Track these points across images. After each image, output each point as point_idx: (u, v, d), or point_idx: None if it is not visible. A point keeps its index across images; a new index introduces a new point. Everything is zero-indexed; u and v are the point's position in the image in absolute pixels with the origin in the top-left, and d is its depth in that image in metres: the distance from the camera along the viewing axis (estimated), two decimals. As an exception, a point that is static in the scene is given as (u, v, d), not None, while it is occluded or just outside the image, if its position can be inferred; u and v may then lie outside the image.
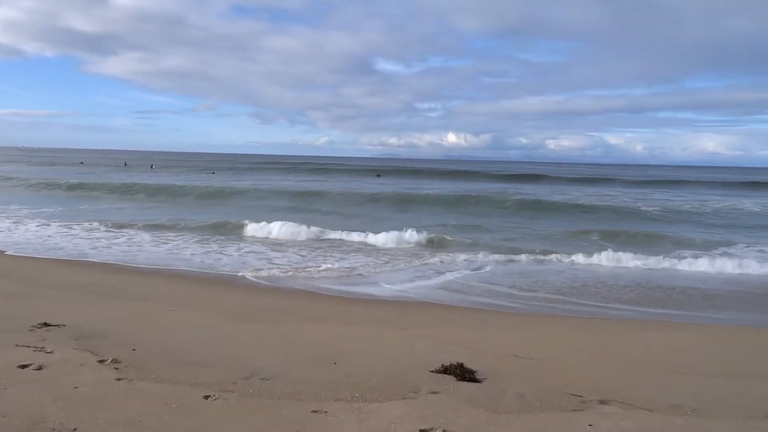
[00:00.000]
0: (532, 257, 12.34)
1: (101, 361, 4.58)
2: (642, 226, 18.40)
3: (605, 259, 12.14)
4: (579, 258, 12.28)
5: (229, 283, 9.35)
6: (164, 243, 13.27)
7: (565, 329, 6.93)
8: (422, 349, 5.55)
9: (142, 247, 12.55)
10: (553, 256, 12.43)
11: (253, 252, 12.43)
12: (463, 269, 11.04)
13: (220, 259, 11.51)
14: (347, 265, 11.08)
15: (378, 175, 55.86)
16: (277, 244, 13.57)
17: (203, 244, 13.36)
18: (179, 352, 5.05)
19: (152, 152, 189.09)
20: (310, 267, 10.82)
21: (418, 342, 5.89)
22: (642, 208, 23.17)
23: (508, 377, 4.74)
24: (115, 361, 4.61)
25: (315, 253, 12.40)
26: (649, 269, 11.70)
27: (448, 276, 10.41)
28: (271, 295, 8.49)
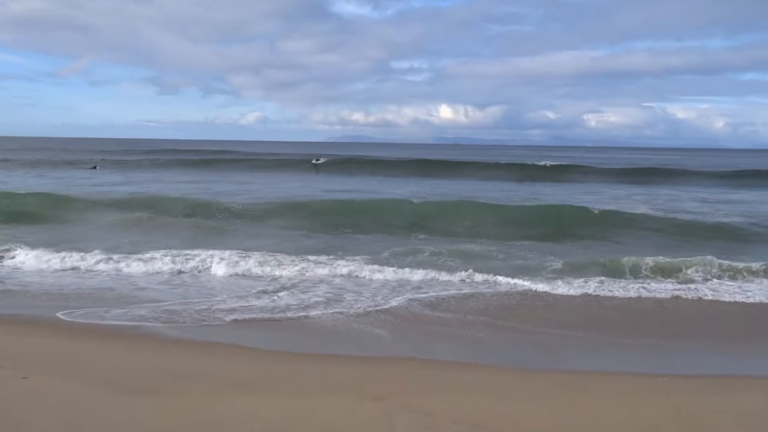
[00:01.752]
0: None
1: None
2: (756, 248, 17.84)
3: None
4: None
5: (116, 334, 9.25)
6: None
7: (621, 395, 6.95)
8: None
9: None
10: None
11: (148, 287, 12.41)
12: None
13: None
14: (285, 303, 11.15)
15: (317, 162, 56.31)
16: (154, 273, 13.53)
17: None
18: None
19: None
20: (225, 306, 10.87)
21: (399, 418, 5.83)
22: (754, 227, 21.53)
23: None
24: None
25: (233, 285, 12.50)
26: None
27: (436, 326, 10.45)
28: (175, 351, 8.40)
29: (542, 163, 53.44)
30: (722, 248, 16.70)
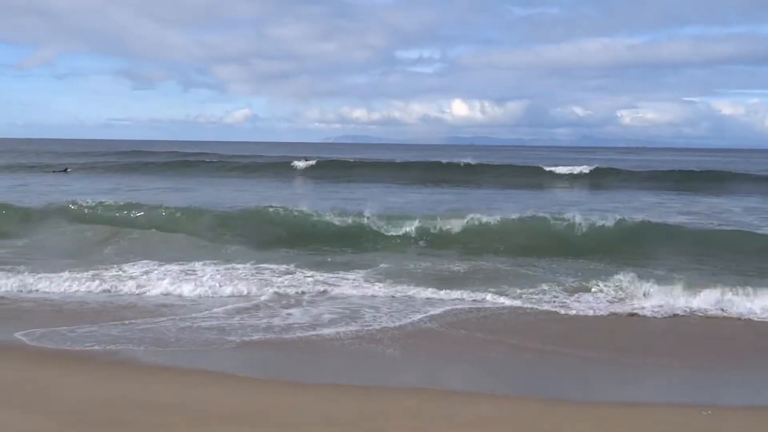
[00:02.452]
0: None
1: None
2: None
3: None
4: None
5: (84, 359, 9.30)
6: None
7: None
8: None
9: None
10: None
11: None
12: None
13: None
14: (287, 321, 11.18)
15: (305, 162, 55.82)
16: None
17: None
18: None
19: None
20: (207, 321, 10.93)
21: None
22: None
23: None
24: None
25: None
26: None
27: (450, 349, 10.50)
28: (149, 379, 8.44)
29: (468, 163, 53.58)
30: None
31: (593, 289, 13.68)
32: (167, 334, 10.69)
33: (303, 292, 13.44)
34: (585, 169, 51.04)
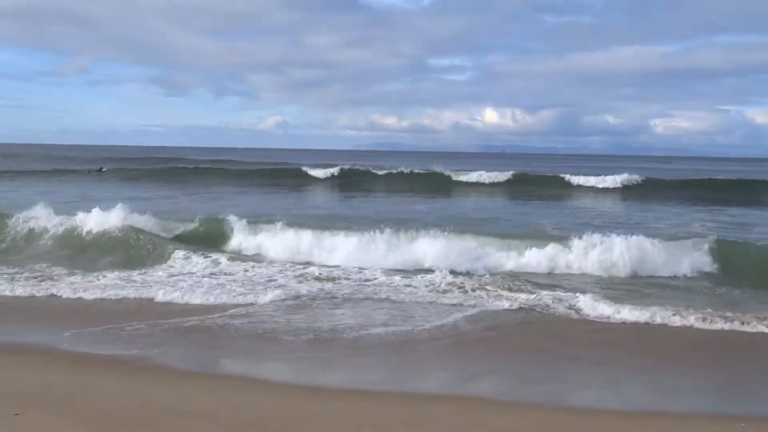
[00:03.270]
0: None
1: None
2: None
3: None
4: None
5: (116, 364, 9.37)
6: None
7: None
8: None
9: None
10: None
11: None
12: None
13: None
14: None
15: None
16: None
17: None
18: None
19: None
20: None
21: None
22: None
23: None
24: None
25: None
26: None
27: (487, 354, 10.42)
28: (179, 384, 8.49)
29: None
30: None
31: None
32: (200, 337, 10.82)
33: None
34: (635, 178, 46.80)
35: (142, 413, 7.24)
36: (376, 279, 15.09)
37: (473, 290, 13.89)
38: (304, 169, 51.64)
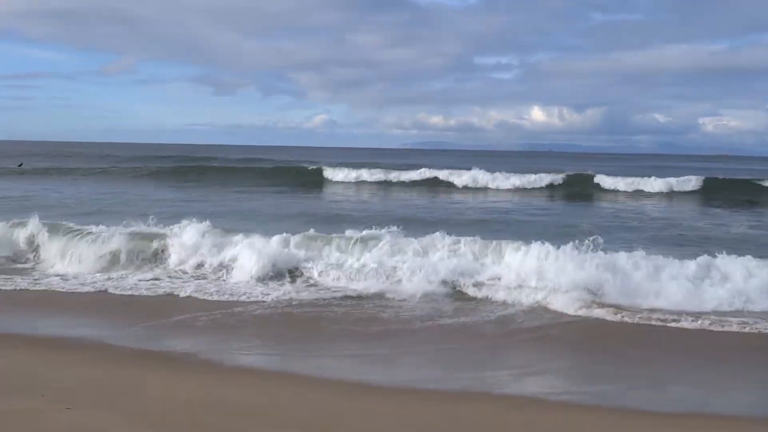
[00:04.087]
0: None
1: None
2: None
3: None
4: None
5: (167, 360, 9.53)
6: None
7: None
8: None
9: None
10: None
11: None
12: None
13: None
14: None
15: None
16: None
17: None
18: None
19: (27, 143, 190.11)
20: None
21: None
22: None
23: None
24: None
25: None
26: None
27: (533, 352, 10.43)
28: (229, 381, 8.58)
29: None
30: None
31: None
32: (250, 333, 11.06)
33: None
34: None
35: (189, 410, 7.31)
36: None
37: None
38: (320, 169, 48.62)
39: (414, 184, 44.17)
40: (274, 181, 44.20)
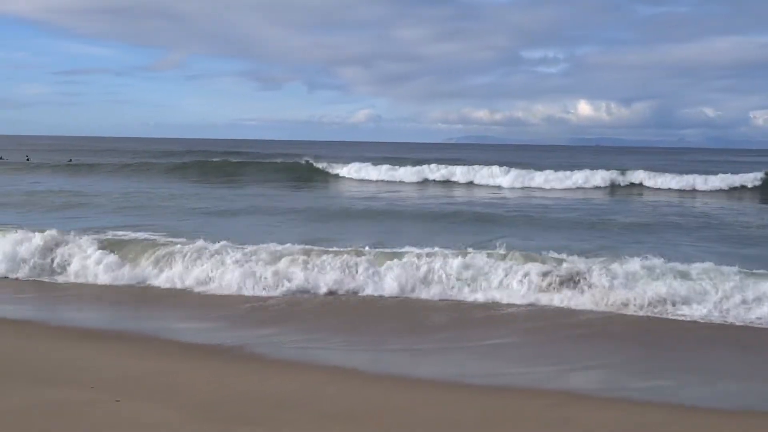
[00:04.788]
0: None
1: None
2: None
3: None
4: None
5: (216, 353, 9.60)
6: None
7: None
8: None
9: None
10: None
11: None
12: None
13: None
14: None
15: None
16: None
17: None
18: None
19: (81, 138, 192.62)
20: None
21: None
22: None
23: None
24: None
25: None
26: None
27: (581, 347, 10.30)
28: (276, 374, 8.64)
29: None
30: None
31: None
32: (297, 327, 11.06)
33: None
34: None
35: (236, 402, 7.33)
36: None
37: None
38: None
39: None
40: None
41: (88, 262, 14.74)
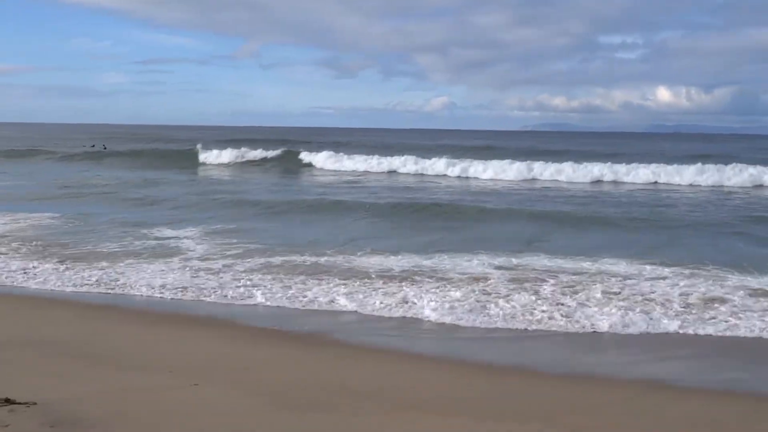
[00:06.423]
0: None
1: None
2: None
3: None
4: None
5: (292, 340, 9.66)
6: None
7: None
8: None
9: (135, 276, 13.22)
10: None
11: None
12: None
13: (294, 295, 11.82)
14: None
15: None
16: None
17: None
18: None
19: (162, 126, 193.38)
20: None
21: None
22: None
23: None
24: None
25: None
26: None
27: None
28: (353, 362, 8.64)
29: None
30: None
31: None
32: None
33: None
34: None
35: (313, 388, 7.37)
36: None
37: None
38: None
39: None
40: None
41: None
